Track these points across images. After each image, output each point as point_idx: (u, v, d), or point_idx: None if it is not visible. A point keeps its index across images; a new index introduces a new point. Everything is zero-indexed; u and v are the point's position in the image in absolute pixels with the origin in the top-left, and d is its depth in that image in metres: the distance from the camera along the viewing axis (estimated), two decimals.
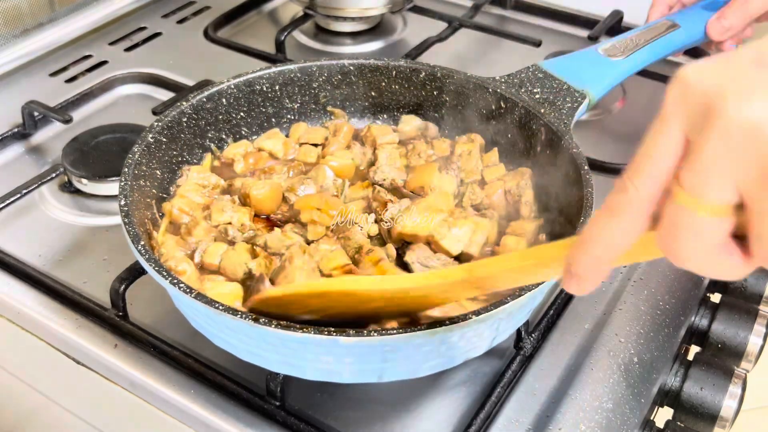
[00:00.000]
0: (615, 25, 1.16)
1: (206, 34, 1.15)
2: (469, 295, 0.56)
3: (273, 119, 0.82)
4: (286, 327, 0.52)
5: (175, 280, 0.56)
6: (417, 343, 0.54)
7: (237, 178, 0.75)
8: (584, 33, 1.16)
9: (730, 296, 0.79)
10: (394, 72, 0.81)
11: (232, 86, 0.78)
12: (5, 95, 1.01)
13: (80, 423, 0.76)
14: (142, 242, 0.59)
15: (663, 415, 0.70)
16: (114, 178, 0.83)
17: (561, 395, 0.64)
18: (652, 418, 0.68)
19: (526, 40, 1.11)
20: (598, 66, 0.81)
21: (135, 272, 0.69)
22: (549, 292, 0.73)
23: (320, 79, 0.82)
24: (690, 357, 0.72)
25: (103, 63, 1.08)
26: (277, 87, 0.80)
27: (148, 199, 0.69)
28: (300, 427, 0.61)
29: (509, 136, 0.77)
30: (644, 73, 0.94)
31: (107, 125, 0.91)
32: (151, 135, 0.70)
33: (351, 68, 0.81)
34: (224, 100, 0.77)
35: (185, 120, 0.74)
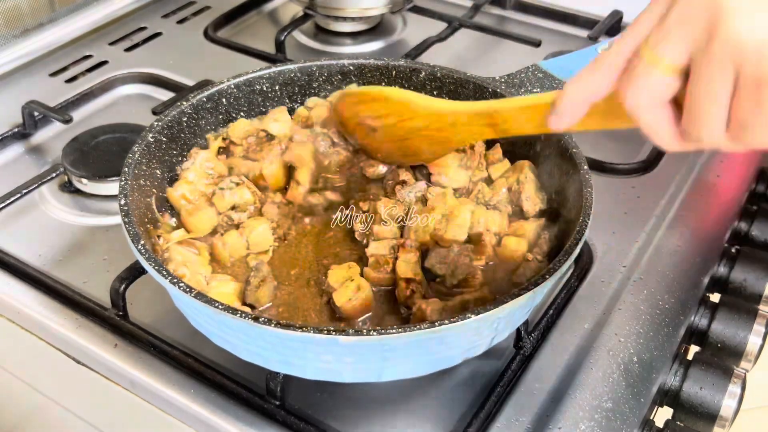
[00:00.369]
0: (615, 25, 1.16)
1: (206, 34, 1.15)
2: (485, 134, 0.66)
3: None
4: (286, 326, 0.52)
5: (175, 280, 0.56)
6: (417, 343, 0.54)
7: (239, 160, 0.76)
8: (584, 33, 1.16)
9: (730, 296, 0.79)
10: (394, 72, 0.81)
11: (232, 86, 0.78)
12: (5, 95, 1.01)
13: (80, 423, 0.76)
14: (142, 242, 0.59)
15: (663, 415, 0.70)
16: (114, 178, 0.83)
17: (561, 395, 0.64)
18: (652, 418, 0.68)
19: (526, 40, 1.11)
20: None
21: (135, 272, 0.69)
22: (549, 292, 0.73)
23: (320, 79, 0.82)
24: (689, 356, 0.72)
25: (103, 63, 1.08)
26: (277, 87, 0.80)
27: (148, 199, 0.69)
28: (300, 427, 0.61)
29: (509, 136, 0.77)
30: None
31: (107, 125, 0.91)
32: (151, 135, 0.70)
33: (351, 68, 0.81)
34: (224, 100, 0.78)
35: (185, 120, 0.74)
